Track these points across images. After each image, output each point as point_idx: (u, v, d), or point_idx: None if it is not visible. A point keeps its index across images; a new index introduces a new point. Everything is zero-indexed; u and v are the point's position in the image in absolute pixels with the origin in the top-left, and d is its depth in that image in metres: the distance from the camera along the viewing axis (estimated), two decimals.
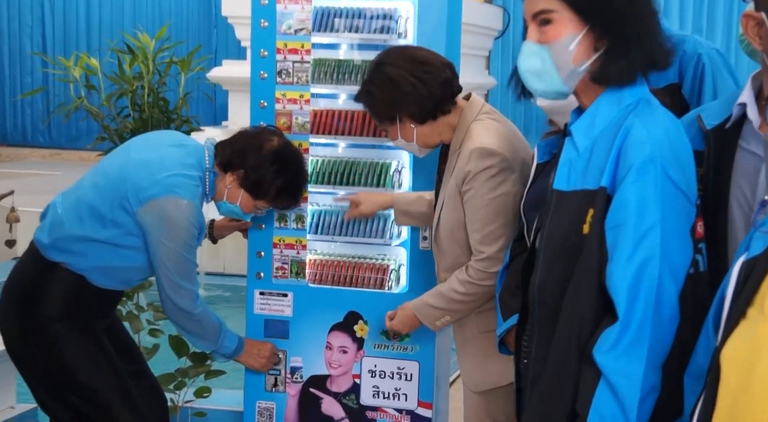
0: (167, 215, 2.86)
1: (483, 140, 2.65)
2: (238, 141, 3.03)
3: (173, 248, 2.88)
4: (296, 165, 3.06)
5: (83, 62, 4.14)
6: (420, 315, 2.84)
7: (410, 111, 2.70)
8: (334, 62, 3.22)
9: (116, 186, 2.91)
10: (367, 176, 3.22)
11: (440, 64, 2.72)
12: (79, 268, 2.93)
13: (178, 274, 2.92)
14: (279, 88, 3.24)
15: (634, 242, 1.83)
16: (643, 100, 1.98)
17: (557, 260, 1.97)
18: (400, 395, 3.23)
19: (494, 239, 2.64)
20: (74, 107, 4.17)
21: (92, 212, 2.92)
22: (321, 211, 3.29)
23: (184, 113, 4.16)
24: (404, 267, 3.23)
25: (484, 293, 2.68)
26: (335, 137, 3.25)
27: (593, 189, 1.92)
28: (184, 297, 2.95)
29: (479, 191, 2.64)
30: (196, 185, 2.93)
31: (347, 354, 3.26)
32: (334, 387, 3.29)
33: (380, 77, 2.69)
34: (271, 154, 3.00)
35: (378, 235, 3.22)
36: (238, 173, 3.00)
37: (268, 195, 3.02)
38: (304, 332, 3.29)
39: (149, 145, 3.04)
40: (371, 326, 3.23)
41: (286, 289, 3.30)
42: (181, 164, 2.93)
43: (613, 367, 1.81)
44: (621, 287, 1.83)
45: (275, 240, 3.30)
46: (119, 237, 2.91)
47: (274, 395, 3.34)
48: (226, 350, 3.15)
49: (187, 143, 3.04)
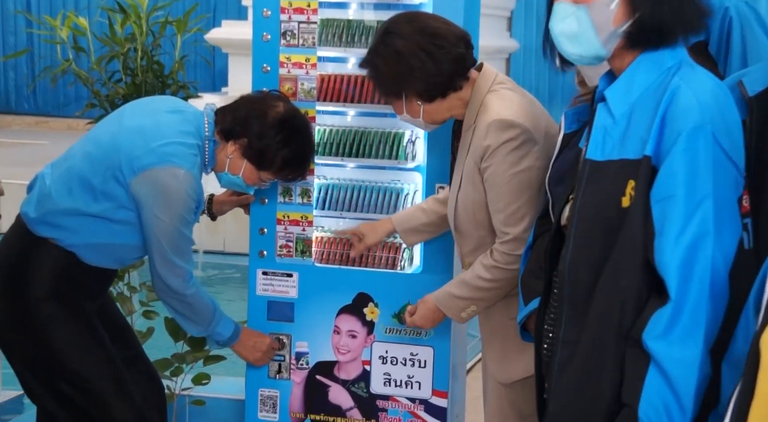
0: (163, 186, 2.85)
1: (500, 112, 2.62)
2: (241, 107, 3.01)
3: (168, 222, 2.87)
4: (303, 134, 3.04)
5: (71, 22, 4.12)
6: (444, 307, 2.82)
7: (416, 88, 2.67)
8: (343, 23, 3.19)
9: (109, 155, 2.89)
10: (379, 147, 3.20)
11: (454, 37, 2.67)
12: (68, 244, 2.93)
13: (172, 251, 2.91)
14: (283, 51, 3.21)
15: (685, 216, 1.83)
16: (685, 62, 1.98)
17: (591, 236, 1.96)
18: (413, 383, 3.23)
19: (519, 219, 2.62)
20: (61, 70, 4.15)
21: (82, 183, 2.91)
22: (328, 185, 3.28)
23: (180, 77, 4.14)
24: (418, 246, 3.22)
25: (512, 277, 2.66)
26: (344, 105, 3.22)
27: (634, 158, 1.91)
28: (176, 276, 2.95)
29: (500, 166, 2.61)
30: (195, 154, 2.91)
31: (356, 338, 3.26)
32: (342, 375, 3.29)
33: (386, 49, 2.65)
34: (276, 121, 2.98)
35: (389, 210, 3.21)
36: (240, 142, 2.98)
37: (273, 166, 3.01)
38: (310, 315, 3.29)
39: (144, 111, 3.02)
40: (382, 309, 3.22)
41: (291, 269, 3.29)
42: (179, 131, 2.92)
43: (667, 353, 1.81)
44: (672, 265, 1.82)
45: (279, 216, 3.29)
46: (111, 211, 2.90)
47: (277, 382, 3.35)
48: (219, 337, 3.15)
49: (185, 110, 3.02)
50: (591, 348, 1.93)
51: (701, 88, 1.91)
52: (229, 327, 3.15)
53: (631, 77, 1.99)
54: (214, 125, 3.00)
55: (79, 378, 2.96)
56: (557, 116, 2.52)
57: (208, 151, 2.98)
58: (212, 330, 3.11)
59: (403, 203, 3.19)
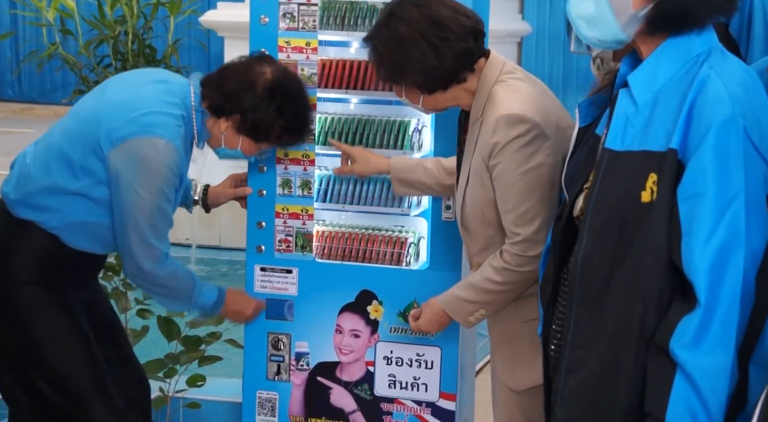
0: (142, 157, 2.85)
1: (509, 106, 2.62)
2: (227, 80, 3.00)
3: (147, 198, 2.87)
4: (298, 97, 3.04)
5: (57, 3, 4.14)
6: (450, 311, 2.83)
7: (415, 80, 2.67)
8: (345, 5, 3.20)
9: (88, 129, 2.91)
10: (383, 136, 3.22)
11: (461, 29, 2.65)
12: (50, 226, 2.94)
13: (150, 230, 2.91)
14: (282, 35, 3.23)
15: (716, 216, 1.82)
16: (715, 49, 1.96)
17: (607, 230, 1.96)
18: (420, 385, 3.25)
19: (530, 219, 2.62)
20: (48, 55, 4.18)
21: (61, 158, 2.93)
22: (330, 176, 3.30)
23: (173, 62, 4.16)
24: (424, 240, 3.24)
25: (523, 280, 2.67)
26: (346, 92, 3.24)
27: (658, 151, 1.91)
28: (150, 258, 2.95)
29: (509, 164, 2.61)
30: (178, 124, 2.91)
31: (359, 338, 3.28)
32: (344, 376, 3.31)
33: (388, 34, 2.65)
34: (267, 90, 2.97)
35: (395, 203, 3.22)
36: (233, 118, 2.99)
37: (271, 136, 3.02)
38: (310, 313, 3.31)
39: (127, 83, 3.04)
40: (387, 307, 3.24)
41: (291, 265, 3.31)
42: (162, 101, 2.92)
43: (696, 363, 1.81)
44: (702, 268, 1.82)
45: (278, 209, 3.31)
46: (90, 188, 2.91)
47: (276, 384, 3.37)
48: (204, 306, 3.15)
49: (171, 79, 3.03)
50: (607, 353, 1.93)
51: (732, 78, 1.91)
52: (212, 294, 3.15)
53: (656, 63, 1.98)
54: (201, 98, 3.00)
55: (57, 374, 2.97)
56: (572, 103, 2.53)
57: (196, 122, 2.98)
58: (194, 303, 3.11)
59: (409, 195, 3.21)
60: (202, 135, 3.02)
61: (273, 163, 3.27)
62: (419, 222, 3.25)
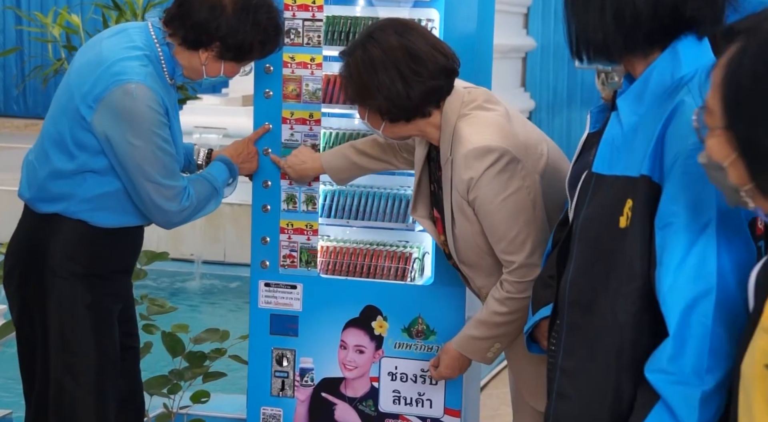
0: (122, 108, 2.84)
1: (473, 140, 2.63)
2: (194, 12, 2.93)
3: (143, 145, 2.86)
4: (265, 5, 2.98)
5: (63, 19, 4.15)
6: (467, 353, 2.85)
7: (379, 106, 2.67)
8: (349, 21, 3.21)
9: (66, 104, 2.92)
10: None
11: (435, 67, 2.65)
12: (72, 212, 2.95)
13: (159, 173, 2.89)
14: (287, 51, 3.23)
15: (686, 246, 1.80)
16: (702, 70, 1.91)
17: (592, 255, 1.96)
18: (424, 401, 3.24)
19: (521, 244, 2.64)
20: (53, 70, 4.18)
21: (53, 141, 2.94)
22: (334, 191, 3.30)
23: None
24: (429, 255, 3.24)
25: (528, 305, 2.67)
26: (351, 107, 3.24)
27: (633, 176, 1.89)
28: (172, 199, 2.93)
29: (488, 194, 2.63)
30: (143, 64, 2.89)
31: (364, 354, 3.28)
32: (349, 392, 3.31)
33: (362, 55, 2.66)
34: (237, 11, 2.92)
35: (399, 219, 3.22)
36: (213, 46, 2.95)
37: (253, 53, 3.00)
38: (315, 329, 3.31)
39: (89, 46, 3.04)
40: (391, 322, 3.24)
41: (295, 280, 3.31)
42: (121, 48, 2.91)
43: (669, 388, 1.80)
44: (670, 299, 1.80)
45: (283, 224, 3.31)
46: (89, 161, 2.91)
47: (281, 400, 3.36)
48: (227, 184, 3.15)
49: (129, 27, 3.02)
50: (593, 379, 1.93)
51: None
52: (222, 169, 3.14)
53: (643, 85, 1.95)
54: (168, 34, 2.94)
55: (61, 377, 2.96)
56: (576, 118, 2.55)
57: (164, 57, 2.95)
58: (220, 190, 3.11)
59: None
60: (174, 69, 2.99)
61: (278, 178, 3.27)
62: (424, 237, 3.25)
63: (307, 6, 3.21)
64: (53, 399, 2.99)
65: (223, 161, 3.18)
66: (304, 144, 3.23)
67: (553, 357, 2.12)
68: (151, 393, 3.58)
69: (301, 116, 3.23)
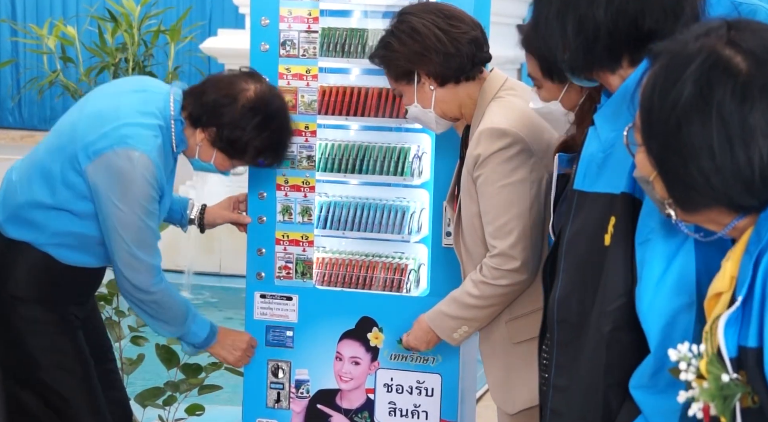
0: (118, 170, 2.84)
1: (495, 120, 2.67)
2: (208, 91, 2.97)
3: (127, 211, 2.85)
4: (279, 119, 3.01)
5: (59, 31, 4.16)
6: (435, 327, 2.86)
7: (432, 68, 2.73)
8: (345, 32, 3.21)
9: (66, 143, 2.91)
10: (383, 163, 3.22)
11: (470, 21, 2.77)
12: (40, 243, 2.94)
13: (134, 244, 2.89)
14: (282, 62, 3.24)
15: (664, 262, 1.78)
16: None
17: (578, 273, 1.96)
18: (420, 412, 3.24)
19: (507, 233, 2.65)
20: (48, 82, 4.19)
21: (42, 173, 2.93)
22: (330, 203, 3.30)
23: None
24: (425, 267, 3.23)
25: (503, 294, 2.69)
26: (346, 118, 3.25)
27: (615, 193, 1.89)
28: (140, 272, 2.92)
29: (491, 176, 2.65)
30: (155, 135, 2.89)
31: (360, 365, 3.27)
32: (344, 404, 3.30)
33: (402, 27, 2.74)
34: (247, 109, 2.93)
35: (395, 230, 3.22)
36: (209, 131, 2.95)
37: (245, 155, 2.99)
38: (310, 340, 3.30)
39: (106, 94, 3.03)
40: (387, 334, 3.23)
41: (291, 291, 3.31)
42: (138, 111, 2.90)
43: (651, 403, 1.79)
44: (650, 317, 1.79)
45: (278, 236, 3.30)
46: (71, 202, 2.90)
47: (276, 412, 3.36)
48: (195, 338, 3.11)
49: (150, 88, 3.01)
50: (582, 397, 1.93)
51: None
52: (205, 327, 3.12)
53: (620, 99, 1.93)
54: (182, 107, 2.96)
55: (55, 395, 2.96)
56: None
57: (174, 132, 2.95)
58: (187, 329, 3.07)
59: (409, 221, 3.21)
60: (181, 144, 2.99)
61: (273, 189, 3.27)
62: (419, 249, 3.25)
63: (303, 18, 3.21)
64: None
65: (212, 327, 3.15)
66: (300, 155, 3.23)
67: (546, 373, 2.12)
68: (146, 405, 3.57)
69: (297, 127, 3.22)
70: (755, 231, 1.53)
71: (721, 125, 1.49)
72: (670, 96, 1.52)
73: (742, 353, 1.49)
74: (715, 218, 1.59)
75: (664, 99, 1.53)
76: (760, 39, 1.53)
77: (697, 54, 1.53)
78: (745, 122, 1.49)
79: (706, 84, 1.50)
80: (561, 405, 2.00)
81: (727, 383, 1.48)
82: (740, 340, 1.50)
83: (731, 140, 1.49)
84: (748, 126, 1.48)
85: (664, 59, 1.57)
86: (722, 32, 1.55)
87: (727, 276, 1.56)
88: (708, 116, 1.50)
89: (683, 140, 1.52)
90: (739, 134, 1.48)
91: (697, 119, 1.50)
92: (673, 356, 1.53)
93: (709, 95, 1.50)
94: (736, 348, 1.50)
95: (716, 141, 1.49)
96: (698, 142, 1.50)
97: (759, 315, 1.47)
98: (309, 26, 3.22)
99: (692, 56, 1.53)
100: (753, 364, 1.47)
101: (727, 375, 1.48)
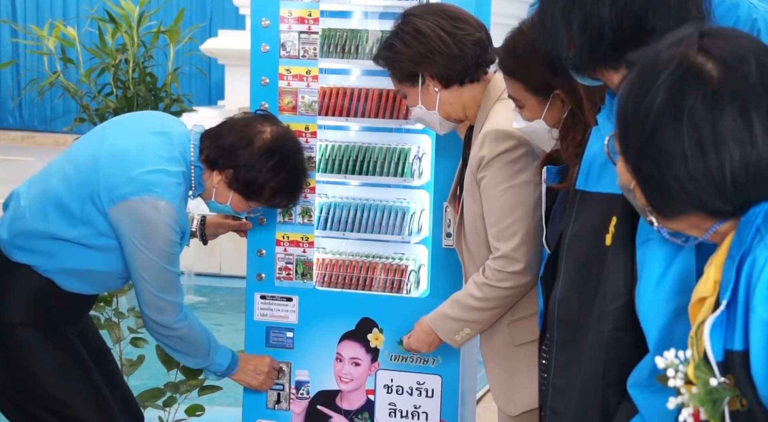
0: (143, 217, 2.85)
1: (499, 122, 2.67)
2: (225, 135, 3.00)
3: (151, 257, 2.87)
4: (294, 161, 3.03)
5: (59, 32, 4.16)
6: (437, 329, 2.85)
7: (436, 70, 2.73)
8: (345, 33, 3.21)
9: (87, 180, 2.89)
10: (383, 164, 3.21)
11: (475, 23, 2.78)
12: (44, 270, 2.93)
13: (158, 288, 2.92)
14: (283, 63, 3.24)
15: (664, 262, 1.78)
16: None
17: (580, 273, 1.96)
18: (420, 413, 3.23)
19: (510, 235, 2.65)
20: (49, 83, 4.19)
21: (59, 207, 2.91)
22: (330, 204, 3.30)
23: (174, 90, 4.18)
24: (425, 268, 3.23)
25: (506, 297, 2.68)
26: (347, 119, 3.25)
27: (616, 193, 1.87)
28: (164, 312, 2.96)
29: (494, 178, 2.65)
30: (179, 182, 2.91)
31: (360, 366, 3.27)
32: (344, 405, 3.30)
33: (406, 29, 2.74)
34: (263, 151, 2.96)
35: (395, 231, 3.22)
36: (226, 172, 2.98)
37: (261, 197, 3.02)
38: (310, 341, 3.30)
39: (128, 130, 3.02)
40: (387, 335, 3.23)
41: (291, 292, 3.30)
42: (162, 157, 2.91)
43: (648, 402, 1.79)
44: (650, 316, 1.79)
45: (278, 237, 3.30)
46: (89, 237, 2.90)
47: (276, 413, 3.36)
48: (218, 367, 3.16)
49: (171, 131, 3.01)
50: (581, 397, 1.93)
51: None
52: (227, 356, 3.16)
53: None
54: (200, 151, 2.99)
55: (61, 404, 2.96)
56: None
57: (194, 177, 2.98)
58: (211, 360, 3.12)
59: (409, 222, 3.21)
60: (198, 188, 3.02)
61: None
62: (420, 250, 3.25)
63: (303, 19, 3.21)
64: None
65: (234, 355, 3.19)
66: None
67: (545, 373, 2.12)
68: (145, 406, 3.57)
69: (297, 128, 3.22)
70: (737, 235, 1.54)
71: (693, 131, 1.50)
72: (644, 104, 1.53)
73: (728, 357, 1.49)
74: (696, 224, 1.59)
75: (638, 107, 1.55)
76: (731, 46, 1.54)
77: (670, 62, 1.54)
78: (716, 127, 1.49)
79: (677, 91, 1.51)
80: (560, 405, 2.00)
81: (716, 387, 1.48)
82: (726, 344, 1.50)
83: (703, 146, 1.50)
84: (720, 132, 1.49)
85: (638, 68, 1.59)
86: (694, 40, 1.55)
87: (710, 281, 1.56)
88: (680, 123, 1.51)
89: (657, 147, 1.53)
90: (710, 140, 1.49)
91: (670, 126, 1.51)
92: (660, 363, 1.53)
93: (680, 102, 1.51)
94: (722, 352, 1.50)
95: (688, 147, 1.50)
96: (671, 148, 1.51)
97: (744, 319, 1.48)
98: (309, 27, 3.21)
99: (665, 64, 1.54)
100: (740, 367, 1.48)
101: (715, 379, 1.48)
